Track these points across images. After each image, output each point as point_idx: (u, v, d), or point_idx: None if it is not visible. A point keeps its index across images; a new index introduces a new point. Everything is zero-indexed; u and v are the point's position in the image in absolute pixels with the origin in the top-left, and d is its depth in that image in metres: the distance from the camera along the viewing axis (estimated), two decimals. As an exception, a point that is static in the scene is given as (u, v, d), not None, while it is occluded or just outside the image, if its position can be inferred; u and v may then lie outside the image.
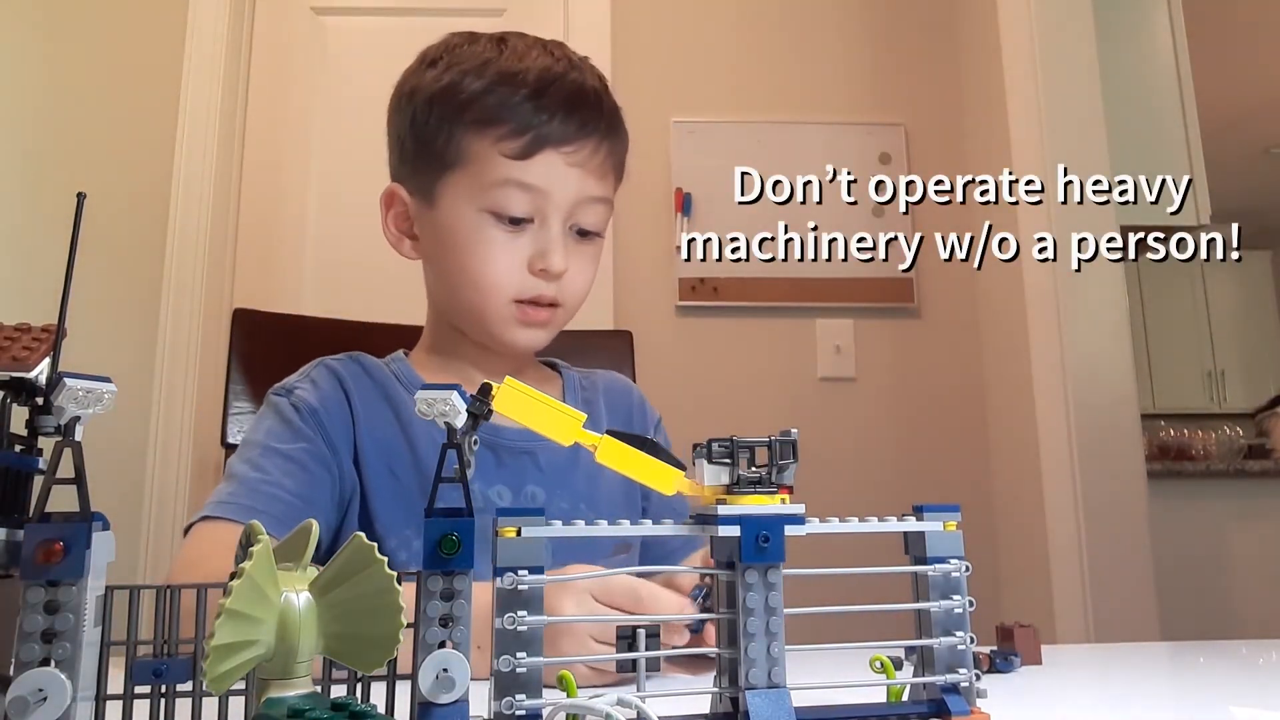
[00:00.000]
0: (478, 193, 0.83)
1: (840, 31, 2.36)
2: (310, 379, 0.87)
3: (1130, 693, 0.59)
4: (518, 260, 0.83)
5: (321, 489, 0.80)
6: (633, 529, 0.42)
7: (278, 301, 2.06)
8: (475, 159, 0.83)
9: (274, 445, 0.80)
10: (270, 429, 0.82)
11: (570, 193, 0.84)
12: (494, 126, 0.82)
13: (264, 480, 0.78)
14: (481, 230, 0.83)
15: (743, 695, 0.39)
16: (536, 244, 0.84)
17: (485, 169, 0.82)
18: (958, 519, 0.43)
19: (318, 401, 0.84)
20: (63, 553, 0.33)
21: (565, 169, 0.83)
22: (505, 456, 0.86)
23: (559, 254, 0.83)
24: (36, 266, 1.97)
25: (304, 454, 0.80)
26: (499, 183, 0.82)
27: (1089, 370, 1.87)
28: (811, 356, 2.18)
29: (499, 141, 0.82)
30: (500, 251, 0.83)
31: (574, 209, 0.85)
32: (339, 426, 0.84)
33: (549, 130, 0.82)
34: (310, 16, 2.30)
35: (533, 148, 0.82)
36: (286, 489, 0.78)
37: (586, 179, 0.85)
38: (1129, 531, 1.83)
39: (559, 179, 0.83)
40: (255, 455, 0.80)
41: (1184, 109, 2.25)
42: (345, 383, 0.87)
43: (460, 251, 0.84)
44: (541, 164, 0.82)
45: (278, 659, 0.33)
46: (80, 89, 2.18)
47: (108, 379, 0.37)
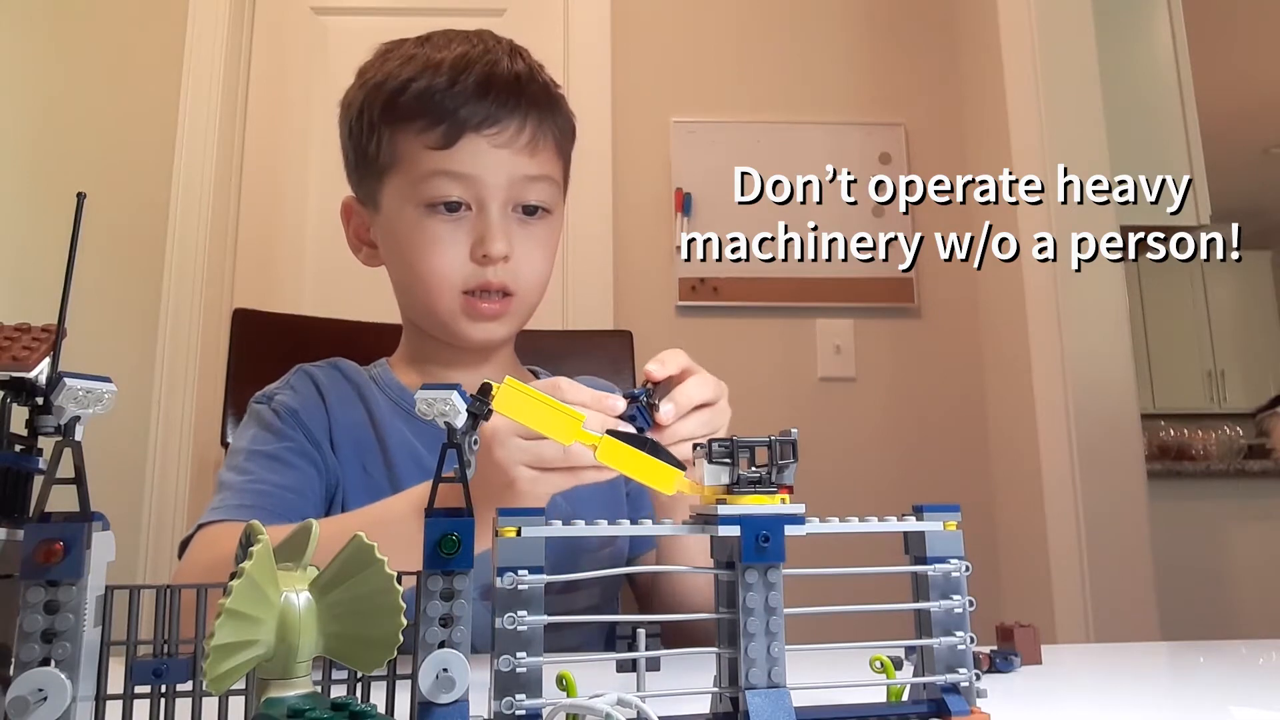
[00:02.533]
0: (411, 189, 0.84)
1: (840, 31, 2.36)
2: (290, 385, 0.89)
3: (1130, 693, 0.59)
4: (460, 250, 0.84)
5: (309, 481, 0.82)
6: (633, 529, 0.42)
7: (278, 301, 2.06)
8: (404, 157, 0.84)
9: (257, 449, 0.83)
10: (254, 435, 0.85)
11: (502, 175, 0.84)
12: (415, 121, 0.83)
13: (251, 479, 0.80)
14: (421, 226, 0.84)
15: (743, 695, 0.39)
16: (476, 231, 0.84)
17: (414, 165, 0.84)
18: (958, 519, 0.43)
19: (297, 403, 0.86)
20: (63, 553, 0.33)
21: (491, 151, 0.83)
22: None
23: (499, 238, 0.84)
24: (36, 266, 1.97)
25: (287, 451, 0.82)
26: (428, 175, 0.83)
27: (1089, 370, 1.87)
28: (811, 356, 2.18)
29: (421, 134, 0.83)
30: (442, 244, 0.84)
31: (511, 190, 0.85)
32: (317, 425, 0.86)
33: (465, 114, 0.82)
34: (310, 16, 2.30)
35: (452, 135, 0.82)
36: (273, 483, 0.79)
37: (516, 159, 0.85)
38: (1129, 531, 1.83)
39: (487, 163, 0.83)
40: (240, 461, 0.82)
41: (1184, 109, 2.25)
42: (321, 385, 0.89)
43: (406, 250, 0.86)
44: (466, 150, 0.83)
45: (278, 659, 0.33)
46: (80, 89, 2.18)
47: (108, 379, 0.37)
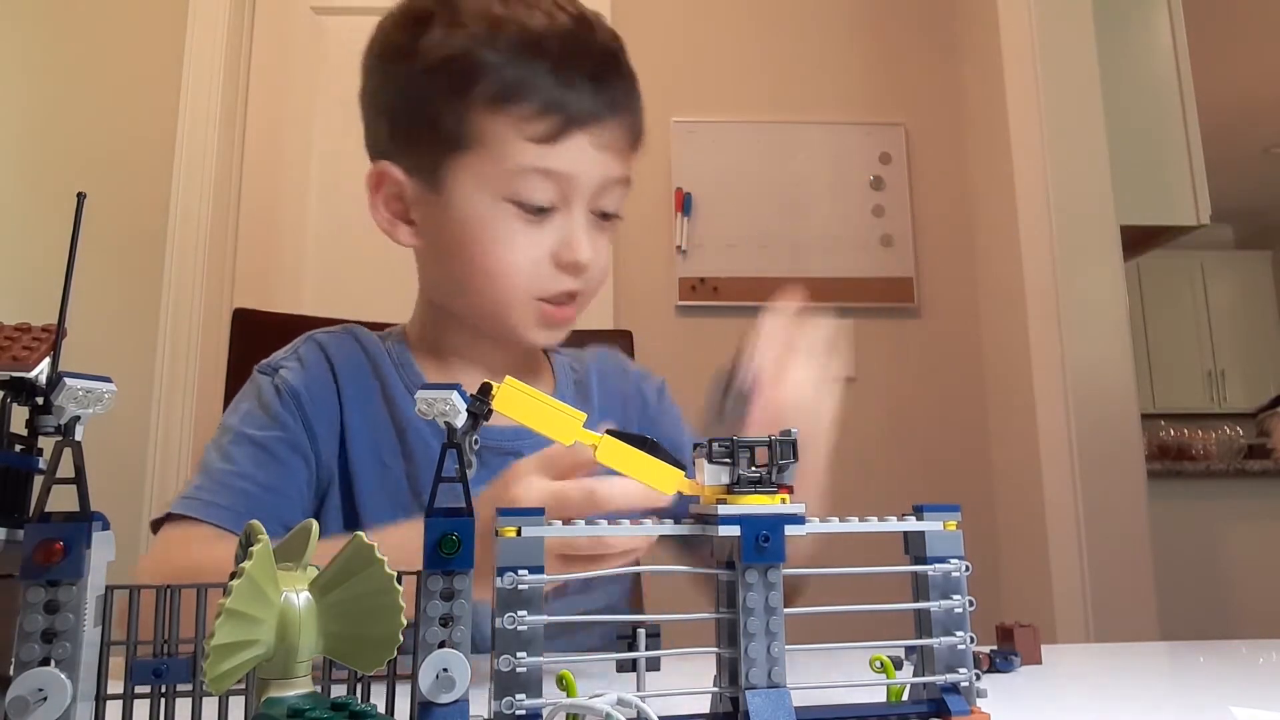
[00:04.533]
0: (496, 180, 0.74)
1: (840, 31, 2.36)
2: (297, 356, 0.81)
3: (1130, 693, 0.59)
4: (540, 253, 0.76)
5: (294, 478, 0.76)
6: (632, 529, 0.42)
7: (278, 301, 2.06)
8: (493, 141, 0.73)
9: (246, 431, 0.76)
10: (247, 412, 0.78)
11: (596, 177, 0.76)
12: (514, 104, 0.72)
13: (231, 473, 0.73)
14: (500, 221, 0.74)
15: (743, 695, 0.39)
16: (560, 234, 0.76)
17: (505, 153, 0.73)
18: (958, 519, 0.43)
19: (302, 384, 0.78)
20: (63, 553, 0.33)
21: (593, 152, 0.75)
22: (489, 457, 0.84)
23: (585, 245, 0.76)
24: (36, 266, 1.97)
25: (277, 443, 0.76)
26: (523, 170, 0.73)
27: (1089, 370, 1.87)
28: (811, 356, 2.18)
29: (521, 122, 0.73)
30: (521, 245, 0.75)
31: (597, 193, 0.77)
32: (322, 410, 0.78)
33: (577, 110, 0.73)
34: (310, 16, 2.30)
35: (560, 130, 0.73)
36: (255, 480, 0.73)
37: (612, 160, 0.77)
38: (1129, 531, 1.83)
39: (586, 163, 0.75)
40: (226, 443, 0.75)
41: (1184, 109, 2.25)
42: (334, 361, 0.81)
43: (475, 244, 0.75)
44: (569, 148, 0.74)
45: (278, 659, 0.33)
46: (80, 89, 2.18)
47: (108, 379, 0.37)
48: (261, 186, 2.23)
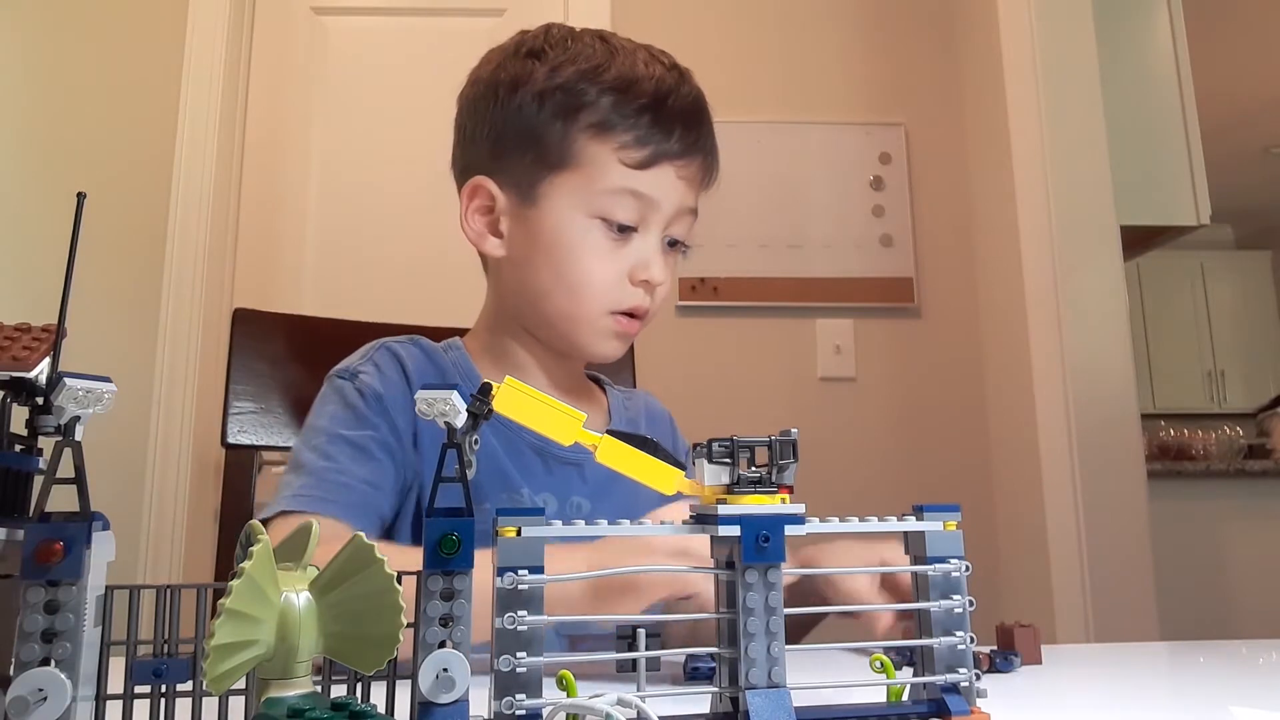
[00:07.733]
0: (590, 197, 0.82)
1: (840, 31, 2.36)
2: (373, 362, 0.85)
3: (1130, 693, 0.59)
4: (619, 270, 0.83)
5: (387, 475, 0.79)
6: (632, 529, 0.42)
7: (278, 301, 2.06)
8: (590, 163, 0.82)
9: (340, 432, 0.79)
10: (335, 414, 0.81)
11: (674, 204, 0.84)
12: (614, 134, 0.81)
13: (334, 469, 0.76)
14: (588, 236, 0.82)
15: (743, 695, 0.39)
16: (639, 254, 0.83)
17: (600, 174, 0.81)
18: (958, 519, 0.43)
19: (382, 386, 0.82)
20: (63, 553, 0.33)
21: (675, 181, 0.84)
22: (554, 465, 0.86)
23: (660, 265, 0.84)
24: (36, 266, 1.97)
25: (370, 441, 0.79)
26: (615, 191, 0.81)
27: (1089, 370, 1.87)
28: (811, 356, 2.18)
29: (619, 150, 0.81)
30: (604, 260, 0.82)
31: (673, 219, 0.85)
32: (401, 412, 0.82)
33: (668, 146, 0.82)
34: (310, 16, 2.30)
35: (652, 160, 0.82)
36: (357, 476, 0.76)
37: (689, 191, 0.85)
38: (1129, 531, 1.83)
39: (669, 190, 0.83)
40: (322, 443, 0.78)
41: (1184, 109, 2.25)
42: (407, 367, 0.85)
43: (562, 256, 0.83)
44: (657, 175, 0.82)
45: (278, 659, 0.33)
46: (80, 89, 2.18)
47: (108, 379, 0.37)
48: (261, 187, 2.23)
